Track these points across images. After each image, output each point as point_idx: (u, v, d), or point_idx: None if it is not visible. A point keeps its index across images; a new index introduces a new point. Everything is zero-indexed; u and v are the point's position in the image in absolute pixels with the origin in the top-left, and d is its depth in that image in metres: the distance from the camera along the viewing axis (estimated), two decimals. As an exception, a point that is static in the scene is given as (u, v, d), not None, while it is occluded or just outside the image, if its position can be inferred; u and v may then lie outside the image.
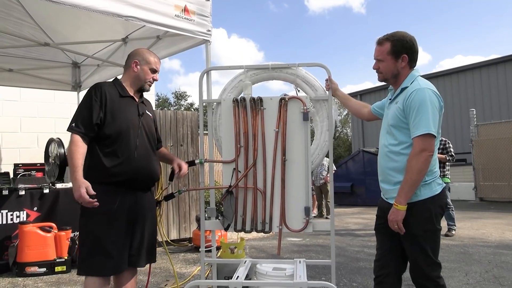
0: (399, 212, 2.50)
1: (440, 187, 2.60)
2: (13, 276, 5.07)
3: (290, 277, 2.88)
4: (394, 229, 2.55)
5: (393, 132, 2.64)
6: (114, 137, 2.76)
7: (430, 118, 2.46)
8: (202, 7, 4.15)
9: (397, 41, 2.65)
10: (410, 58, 2.66)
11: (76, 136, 2.67)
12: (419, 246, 2.55)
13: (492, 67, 18.53)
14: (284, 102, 3.26)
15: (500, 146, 13.46)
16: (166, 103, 39.66)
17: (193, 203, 7.25)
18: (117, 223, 2.73)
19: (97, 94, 2.76)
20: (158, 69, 3.06)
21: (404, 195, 2.49)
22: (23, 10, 4.53)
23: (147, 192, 2.99)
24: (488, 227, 8.49)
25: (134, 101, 2.97)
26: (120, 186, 2.76)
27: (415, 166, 2.46)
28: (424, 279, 2.57)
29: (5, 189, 5.31)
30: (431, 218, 2.55)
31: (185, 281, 4.69)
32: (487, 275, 4.77)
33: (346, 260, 5.70)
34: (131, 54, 3.03)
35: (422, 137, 2.45)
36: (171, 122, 7.13)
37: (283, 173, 3.24)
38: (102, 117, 2.74)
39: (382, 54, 2.69)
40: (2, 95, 8.08)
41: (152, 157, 2.98)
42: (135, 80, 2.97)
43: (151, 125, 3.06)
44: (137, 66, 2.95)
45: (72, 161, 2.63)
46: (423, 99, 2.48)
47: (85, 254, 2.74)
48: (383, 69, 2.72)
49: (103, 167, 2.72)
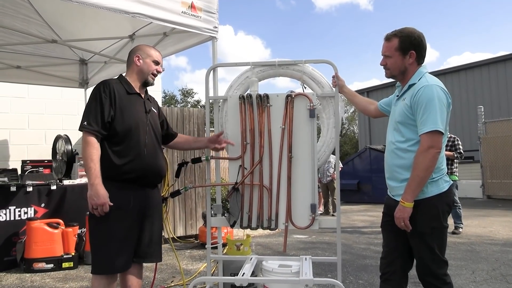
0: (406, 209, 2.49)
1: (447, 184, 2.58)
2: (20, 272, 5.11)
3: (296, 274, 2.87)
4: (401, 226, 2.54)
5: (400, 129, 2.63)
6: (124, 135, 2.76)
7: (438, 115, 2.44)
8: (209, 3, 4.14)
9: (405, 37, 2.63)
10: (418, 54, 2.64)
11: (89, 136, 2.66)
12: (426, 244, 2.54)
13: (501, 64, 18.40)
14: (291, 99, 3.25)
15: (508, 143, 13.35)
16: (173, 100, 39.71)
17: (199, 200, 7.27)
18: (129, 219, 2.75)
19: (106, 91, 2.75)
20: (161, 61, 3.07)
21: (411, 192, 2.48)
22: (31, 7, 4.54)
23: (155, 188, 3.01)
24: (495, 225, 8.43)
25: (141, 98, 2.98)
26: (131, 183, 2.78)
27: (423, 163, 2.44)
28: (431, 277, 2.55)
29: (13, 185, 5.35)
30: (438, 216, 2.53)
31: (191, 277, 4.70)
32: (494, 273, 4.74)
33: (352, 258, 5.69)
34: (132, 50, 3.05)
35: (430, 134, 2.44)
36: (178, 119, 7.14)
37: (289, 170, 3.23)
38: (112, 115, 2.74)
39: (389, 50, 2.68)
40: (10, 92, 8.12)
41: (159, 154, 2.99)
42: (139, 74, 2.97)
43: (157, 122, 3.07)
44: (139, 60, 2.96)
45: (91, 165, 2.62)
46: (431, 96, 2.47)
47: (98, 252, 2.74)
48: (390, 65, 2.70)
49: (114, 165, 2.72)
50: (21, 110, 8.36)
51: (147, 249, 2.90)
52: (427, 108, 2.45)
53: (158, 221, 3.03)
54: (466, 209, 10.95)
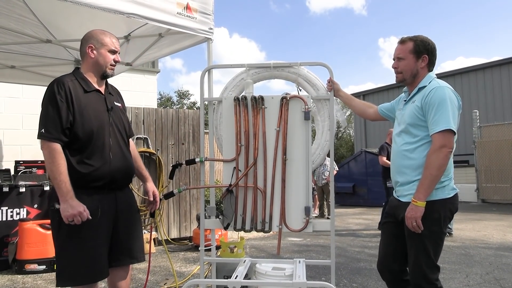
0: (418, 208, 2.48)
1: (453, 191, 2.60)
2: (12, 273, 5.07)
3: (290, 277, 2.86)
4: (412, 226, 2.52)
5: (411, 131, 2.65)
6: (86, 140, 2.52)
7: (450, 115, 2.47)
8: (204, 4, 4.13)
9: (420, 41, 2.69)
10: (430, 60, 2.70)
11: (52, 144, 2.41)
12: (423, 247, 2.54)
13: (496, 69, 18.49)
14: (286, 101, 3.24)
15: (503, 147, 13.40)
16: (169, 102, 39.66)
17: (194, 202, 7.24)
18: (100, 225, 2.54)
19: (61, 92, 2.47)
20: (118, 49, 2.75)
21: (423, 191, 2.48)
22: (26, 7, 4.51)
23: (124, 189, 2.80)
24: (489, 228, 8.46)
25: (101, 94, 2.69)
26: (100, 189, 2.57)
27: (435, 162, 2.45)
28: (424, 281, 2.55)
29: (6, 186, 5.32)
30: (439, 220, 2.54)
31: (184, 280, 4.68)
32: (488, 277, 4.75)
33: (347, 261, 5.68)
34: (83, 38, 2.73)
35: (442, 133, 2.46)
36: (173, 121, 7.12)
37: (284, 173, 3.22)
38: (71, 120, 2.47)
39: (404, 52, 2.72)
40: (4, 92, 8.09)
41: (125, 154, 2.75)
42: (95, 67, 2.68)
43: (121, 118, 2.79)
44: (93, 51, 2.66)
45: (61, 178, 2.38)
46: (442, 96, 2.50)
47: (68, 264, 2.49)
48: (403, 68, 2.73)
49: (79, 174, 2.48)
50: (15, 111, 8.33)
51: (127, 251, 2.72)
52: (439, 108, 2.48)
53: (134, 219, 2.82)
54: (460, 212, 10.97)
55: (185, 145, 7.19)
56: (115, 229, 2.66)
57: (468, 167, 15.03)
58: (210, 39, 4.20)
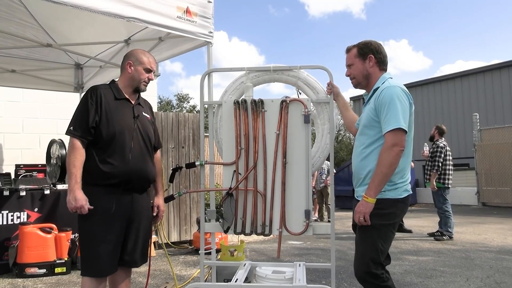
0: (368, 204, 2.56)
1: (406, 193, 2.66)
2: (13, 277, 5.06)
3: (290, 280, 2.86)
4: (360, 221, 2.59)
5: (366, 132, 2.73)
6: (109, 140, 2.76)
7: (400, 114, 2.54)
8: (204, 8, 4.15)
9: (363, 44, 2.84)
10: (378, 59, 2.79)
11: (75, 140, 2.70)
12: (371, 239, 2.60)
13: (496, 72, 18.50)
14: (285, 104, 3.25)
15: (503, 151, 13.40)
16: (169, 105, 39.68)
17: (194, 205, 7.24)
18: (114, 223, 2.75)
19: (92, 97, 2.78)
20: (153, 68, 3.04)
21: (374, 188, 2.55)
22: (26, 11, 4.54)
23: (143, 193, 2.99)
24: (490, 232, 8.44)
25: (130, 103, 2.96)
26: (116, 188, 2.78)
27: (387, 160, 2.52)
28: (369, 276, 2.59)
29: (6, 189, 5.31)
30: (388, 216, 2.61)
31: (185, 283, 4.67)
32: (489, 281, 4.74)
33: (347, 264, 5.67)
34: (125, 55, 3.04)
35: (393, 132, 2.53)
36: (173, 124, 7.13)
37: (284, 176, 3.22)
38: (97, 120, 2.75)
39: (351, 58, 2.87)
40: (5, 96, 8.10)
41: (147, 159, 2.96)
42: (130, 81, 2.96)
43: (147, 127, 3.03)
44: (131, 67, 2.95)
45: (73, 170, 2.66)
46: (392, 96, 2.57)
47: (85, 255, 2.77)
48: (354, 72, 2.86)
49: (99, 170, 2.73)
50: (16, 114, 8.33)
51: (130, 256, 2.90)
52: (390, 107, 2.56)
53: (146, 225, 3.00)
54: (461, 216, 10.98)
55: (185, 148, 7.19)
56: (126, 231, 2.85)
57: (468, 170, 15.03)
58: (210, 43, 4.21)
